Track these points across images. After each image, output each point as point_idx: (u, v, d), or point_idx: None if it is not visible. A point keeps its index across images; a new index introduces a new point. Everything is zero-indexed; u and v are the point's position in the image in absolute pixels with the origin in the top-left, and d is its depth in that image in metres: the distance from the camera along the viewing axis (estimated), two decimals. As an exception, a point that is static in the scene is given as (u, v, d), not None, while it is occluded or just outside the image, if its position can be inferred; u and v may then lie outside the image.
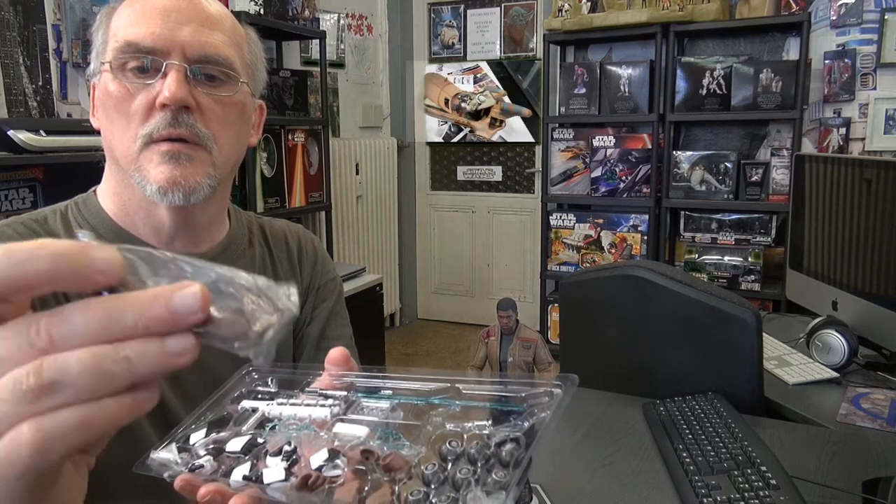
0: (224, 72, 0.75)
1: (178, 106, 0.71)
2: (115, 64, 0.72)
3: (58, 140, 1.91)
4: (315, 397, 0.42)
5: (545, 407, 0.37)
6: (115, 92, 0.72)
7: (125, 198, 0.78)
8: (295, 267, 0.93)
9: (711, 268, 3.21)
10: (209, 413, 0.43)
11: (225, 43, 0.75)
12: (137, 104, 0.72)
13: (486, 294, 4.30)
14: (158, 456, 0.40)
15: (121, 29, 0.73)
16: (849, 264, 1.51)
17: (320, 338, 0.93)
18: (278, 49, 3.25)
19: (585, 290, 1.37)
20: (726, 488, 0.84)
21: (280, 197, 2.99)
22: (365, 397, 0.42)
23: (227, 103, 0.75)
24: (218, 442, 0.40)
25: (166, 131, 0.71)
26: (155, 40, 0.71)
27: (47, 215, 0.79)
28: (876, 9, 2.96)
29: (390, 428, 0.39)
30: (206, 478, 0.38)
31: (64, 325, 0.29)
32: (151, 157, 0.72)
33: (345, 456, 0.38)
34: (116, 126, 0.73)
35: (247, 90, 0.78)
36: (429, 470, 0.36)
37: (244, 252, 0.89)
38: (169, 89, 0.70)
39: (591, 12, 3.32)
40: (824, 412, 1.23)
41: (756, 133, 3.31)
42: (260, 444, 0.39)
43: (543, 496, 0.87)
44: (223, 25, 0.76)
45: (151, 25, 0.71)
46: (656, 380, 1.23)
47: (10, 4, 2.09)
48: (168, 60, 0.71)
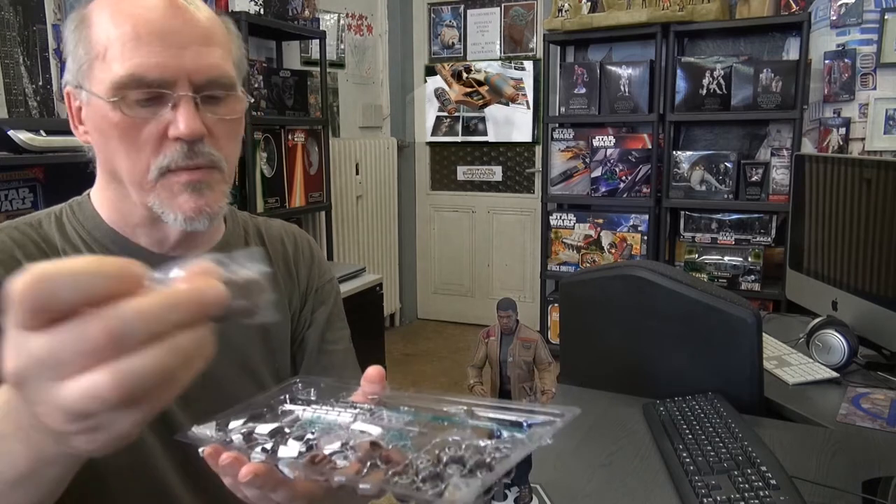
0: (225, 86, 0.74)
1: (194, 138, 0.71)
2: (116, 96, 0.69)
3: (58, 140, 1.91)
4: (345, 406, 0.49)
5: (545, 434, 0.43)
6: (118, 123, 0.69)
7: (125, 211, 0.77)
8: (291, 269, 0.93)
9: (711, 268, 3.21)
10: (252, 408, 0.50)
11: (223, 58, 0.74)
12: (147, 135, 0.70)
13: (486, 294, 4.30)
14: (198, 430, 0.47)
15: (117, 57, 0.68)
16: (849, 264, 1.51)
17: (321, 341, 0.92)
18: (278, 49, 3.25)
19: (585, 290, 1.37)
20: (726, 488, 0.84)
21: (280, 197, 2.99)
22: (388, 410, 0.47)
23: (231, 119, 0.75)
24: (251, 427, 0.47)
25: (184, 163, 0.71)
26: (161, 72, 0.68)
27: (41, 219, 0.78)
28: (876, 9, 2.96)
29: (403, 433, 0.44)
30: (231, 449, 0.45)
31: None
32: (171, 187, 0.72)
33: (355, 448, 0.43)
34: (120, 152, 0.71)
35: (242, 96, 0.77)
36: (422, 464, 0.41)
37: None
38: (185, 125, 0.69)
39: (591, 12, 3.32)
40: (824, 412, 1.23)
41: (756, 133, 3.31)
42: (286, 432, 0.46)
43: (543, 496, 0.87)
44: (217, 37, 0.74)
45: (152, 54, 0.68)
46: (656, 380, 1.23)
47: (10, 4, 2.09)
48: (176, 92, 0.69)
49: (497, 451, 0.41)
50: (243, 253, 0.39)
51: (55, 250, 0.75)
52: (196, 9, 0.73)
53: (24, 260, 0.71)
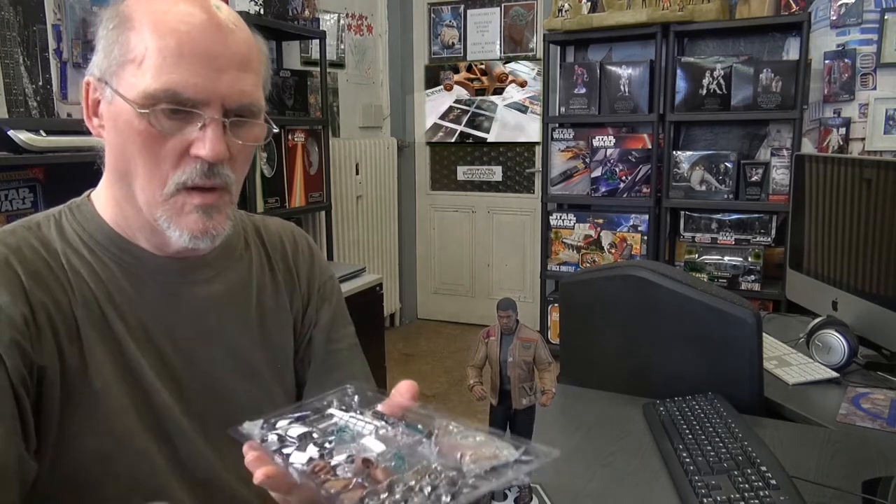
0: (253, 114, 0.75)
1: (217, 162, 0.71)
2: (147, 104, 0.68)
3: (58, 140, 1.91)
4: (373, 418, 0.53)
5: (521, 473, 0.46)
6: (143, 132, 0.70)
7: (128, 213, 0.77)
8: (291, 268, 0.93)
9: (711, 268, 3.21)
10: (301, 409, 0.54)
11: (255, 84, 0.74)
12: (170, 149, 0.70)
13: (486, 294, 4.30)
14: (247, 426, 0.52)
15: (154, 68, 0.68)
16: (849, 264, 1.51)
17: (328, 339, 0.93)
18: (278, 49, 3.25)
19: (585, 290, 1.37)
20: (726, 488, 0.84)
21: (280, 197, 2.99)
22: (406, 427, 0.51)
23: (252, 142, 0.76)
24: (292, 428, 0.51)
25: (201, 181, 0.71)
26: (197, 92, 0.69)
27: (40, 222, 0.77)
28: (876, 9, 2.96)
29: (401, 452, 0.48)
30: (261, 447, 0.49)
31: None
32: (183, 206, 0.72)
33: (354, 462, 0.47)
34: (138, 161, 0.71)
35: (265, 125, 0.77)
36: (399, 487, 0.45)
37: (241, 255, 0.88)
38: (211, 148, 0.70)
39: (591, 12, 3.32)
40: (824, 412, 1.23)
41: (756, 133, 3.31)
42: (314, 437, 0.50)
43: (543, 496, 0.87)
44: (252, 63, 0.74)
45: (192, 73, 0.68)
46: (656, 380, 1.23)
47: (10, 4, 2.09)
48: (208, 114, 0.70)
49: (468, 485, 0.44)
50: None
51: (55, 254, 0.74)
52: (238, 30, 0.73)
53: (18, 266, 0.70)
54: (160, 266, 0.79)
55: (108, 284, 0.75)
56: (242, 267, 0.87)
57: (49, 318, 0.70)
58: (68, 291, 0.73)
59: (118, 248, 0.77)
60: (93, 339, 0.72)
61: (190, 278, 0.81)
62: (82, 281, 0.74)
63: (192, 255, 0.80)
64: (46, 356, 0.69)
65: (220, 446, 0.79)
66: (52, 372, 0.69)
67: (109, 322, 0.74)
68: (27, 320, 0.68)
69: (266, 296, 0.88)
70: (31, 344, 0.67)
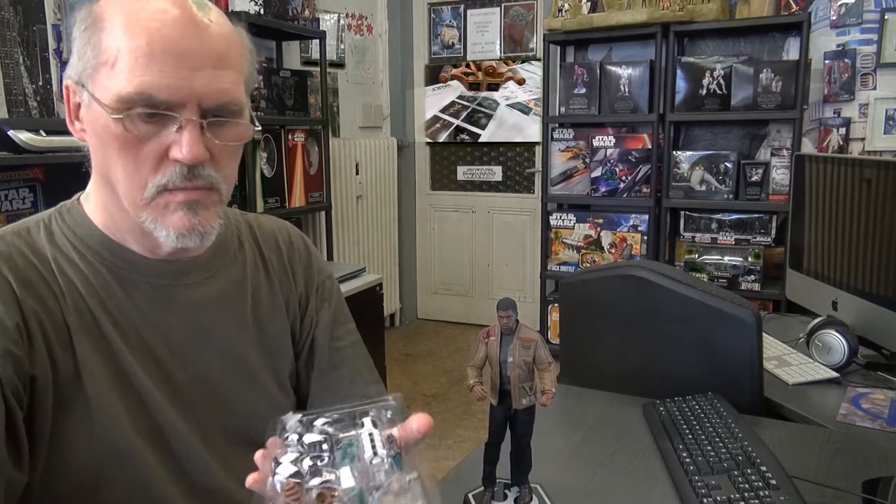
0: (234, 112, 0.72)
1: (195, 164, 0.70)
2: (121, 108, 0.67)
3: (58, 140, 1.91)
4: (383, 442, 0.51)
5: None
6: (119, 136, 0.68)
7: (116, 216, 0.75)
8: (286, 268, 0.92)
9: (711, 268, 3.21)
10: (341, 411, 0.53)
11: (234, 82, 0.72)
12: (148, 152, 0.69)
13: (486, 294, 4.30)
14: (284, 419, 0.51)
15: (126, 69, 0.66)
16: (849, 264, 1.51)
17: (330, 339, 0.92)
18: (278, 49, 3.25)
19: (585, 290, 1.37)
20: (726, 488, 0.84)
21: (280, 197, 2.99)
22: (395, 462, 0.50)
23: (234, 141, 0.74)
24: (321, 430, 0.50)
25: (182, 184, 0.70)
26: (171, 93, 0.67)
27: (30, 227, 0.76)
28: (876, 9, 2.96)
29: (364, 495, 0.46)
30: (271, 448, 0.49)
31: None
32: (167, 205, 0.71)
33: (316, 491, 0.46)
34: (118, 164, 0.70)
35: (248, 123, 0.75)
36: None
37: (236, 255, 0.87)
38: (188, 150, 0.68)
39: (591, 12, 3.32)
40: (824, 412, 1.23)
41: (756, 133, 3.31)
42: (322, 449, 0.49)
43: (543, 496, 0.87)
44: (231, 59, 0.72)
45: (164, 74, 0.66)
46: (656, 380, 1.23)
47: (10, 4, 2.09)
48: (184, 115, 0.68)
49: None
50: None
51: (45, 261, 0.73)
52: (214, 26, 0.70)
53: (10, 274, 0.69)
54: (152, 270, 0.78)
55: (99, 290, 0.74)
56: (237, 267, 0.86)
57: (41, 325, 0.69)
58: (60, 299, 0.72)
59: (109, 252, 0.76)
60: (85, 345, 0.71)
61: (183, 281, 0.80)
62: (74, 288, 0.73)
63: (184, 257, 0.79)
64: (39, 364, 0.68)
65: (218, 448, 0.79)
66: (45, 380, 0.68)
67: (102, 328, 0.73)
68: (20, 329, 0.67)
69: (261, 295, 0.87)
70: (24, 353, 0.66)
